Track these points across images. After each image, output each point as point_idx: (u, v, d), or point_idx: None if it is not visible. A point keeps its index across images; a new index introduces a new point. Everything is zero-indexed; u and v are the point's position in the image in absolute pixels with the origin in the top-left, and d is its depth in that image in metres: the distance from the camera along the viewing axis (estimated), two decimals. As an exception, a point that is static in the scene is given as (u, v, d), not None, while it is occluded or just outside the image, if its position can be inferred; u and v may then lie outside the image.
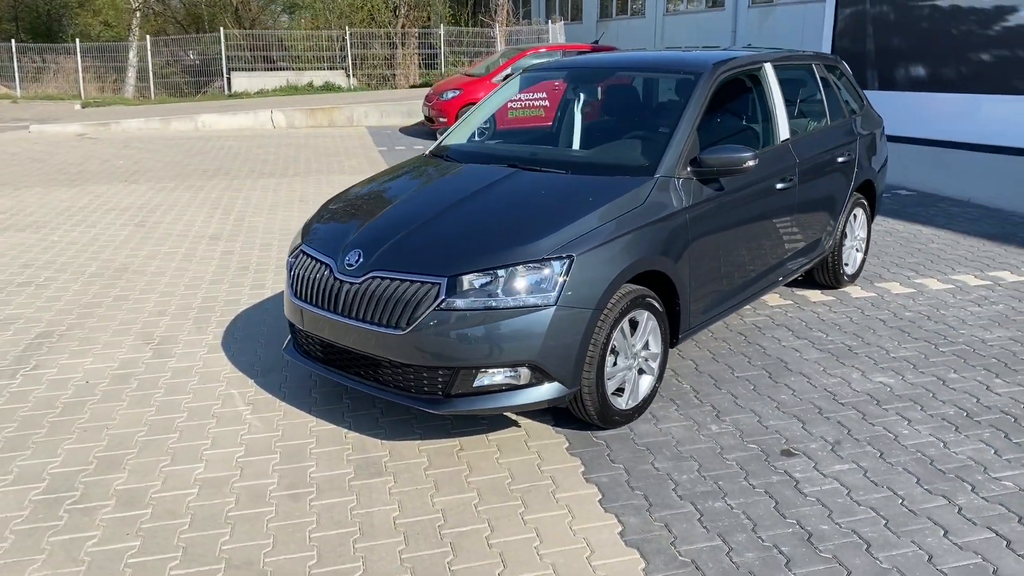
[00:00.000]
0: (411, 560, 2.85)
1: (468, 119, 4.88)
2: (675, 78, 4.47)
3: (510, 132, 5.01)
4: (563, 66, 5.00)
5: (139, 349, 4.81)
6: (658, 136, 4.08)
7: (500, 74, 13.76)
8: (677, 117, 4.04)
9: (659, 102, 4.53)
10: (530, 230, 3.45)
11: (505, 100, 4.94)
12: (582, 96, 4.64)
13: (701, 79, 4.20)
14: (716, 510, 3.10)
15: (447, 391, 3.39)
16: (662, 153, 3.91)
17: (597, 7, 32.83)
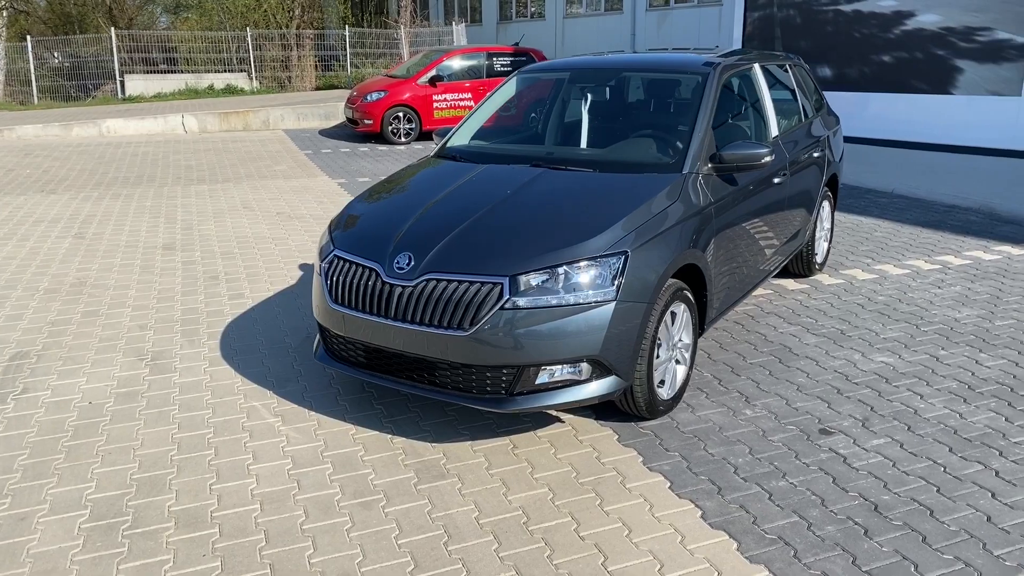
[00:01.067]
0: (510, 558, 2.87)
1: (468, 122, 4.88)
2: (682, 78, 4.63)
3: (513, 132, 5.02)
4: (564, 67, 5.07)
5: (134, 366, 4.57)
6: (677, 134, 4.22)
7: (425, 76, 13.70)
8: (694, 115, 4.20)
9: (669, 101, 4.67)
10: (583, 228, 3.52)
11: (503, 102, 4.97)
12: (590, 96, 4.73)
13: (710, 78, 4.37)
14: (782, 489, 3.25)
15: (511, 390, 3.41)
16: (686, 150, 4.06)
17: (497, 10, 33.07)
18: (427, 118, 13.82)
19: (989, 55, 11.00)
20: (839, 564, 2.78)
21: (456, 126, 4.90)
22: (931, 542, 2.89)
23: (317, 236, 7.43)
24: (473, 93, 14.00)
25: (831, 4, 12.93)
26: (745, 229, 4.37)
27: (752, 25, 14.33)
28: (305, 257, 6.74)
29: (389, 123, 13.61)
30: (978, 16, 11.08)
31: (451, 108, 13.91)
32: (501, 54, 14.39)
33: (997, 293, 5.56)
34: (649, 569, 2.79)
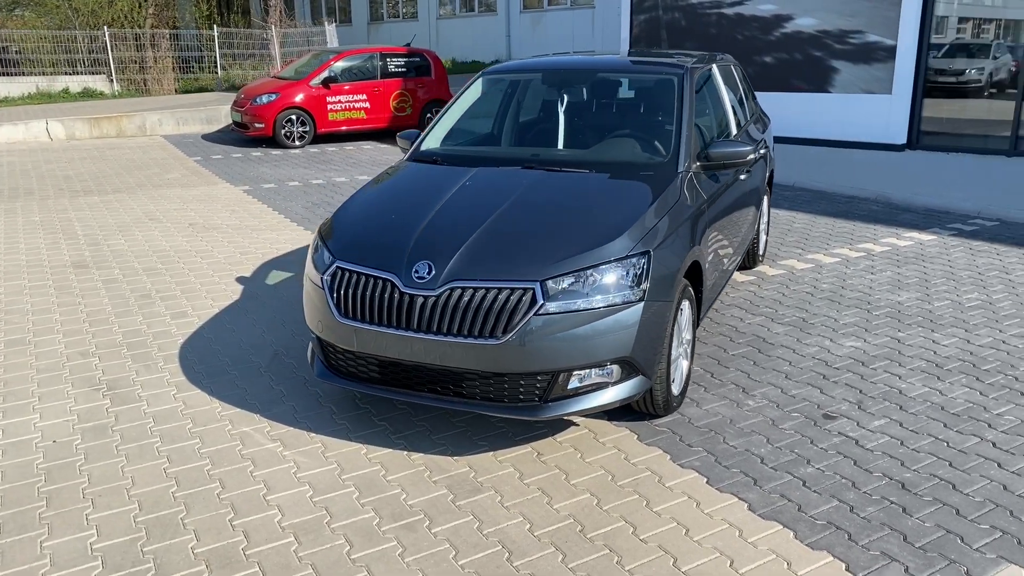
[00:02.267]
0: (581, 568, 2.81)
1: (439, 125, 4.74)
2: (657, 79, 4.69)
3: (488, 134, 4.92)
4: (534, 67, 5.01)
5: (90, 397, 4.17)
6: (664, 133, 4.28)
7: (318, 77, 13.26)
8: (678, 115, 4.27)
9: (647, 101, 4.71)
10: (603, 229, 3.49)
11: (470, 103, 4.86)
12: (566, 98, 4.70)
13: (685, 78, 4.46)
14: (812, 475, 3.36)
15: (544, 397, 3.35)
16: (677, 149, 4.12)
17: (367, 10, 32.51)
18: (321, 120, 13.39)
19: (862, 56, 11.83)
20: (893, 543, 2.90)
21: (427, 129, 4.75)
22: (965, 514, 3.07)
23: (241, 247, 7.04)
24: (368, 94, 13.69)
25: (714, 7, 13.52)
26: (723, 224, 4.49)
27: (639, 27, 14.77)
28: (239, 270, 6.37)
29: (282, 126, 13.08)
30: (851, 20, 11.90)
31: (346, 110, 13.54)
32: (394, 55, 14.13)
33: (924, 277, 5.98)
34: (721, 565, 2.81)
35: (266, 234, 7.53)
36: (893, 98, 11.62)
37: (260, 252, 6.90)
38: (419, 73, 14.24)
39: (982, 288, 5.69)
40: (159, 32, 24.49)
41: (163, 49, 24.28)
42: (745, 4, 13.06)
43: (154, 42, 24.09)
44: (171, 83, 22.60)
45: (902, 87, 11.52)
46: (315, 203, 8.91)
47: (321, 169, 11.19)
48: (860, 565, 2.79)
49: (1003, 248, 6.69)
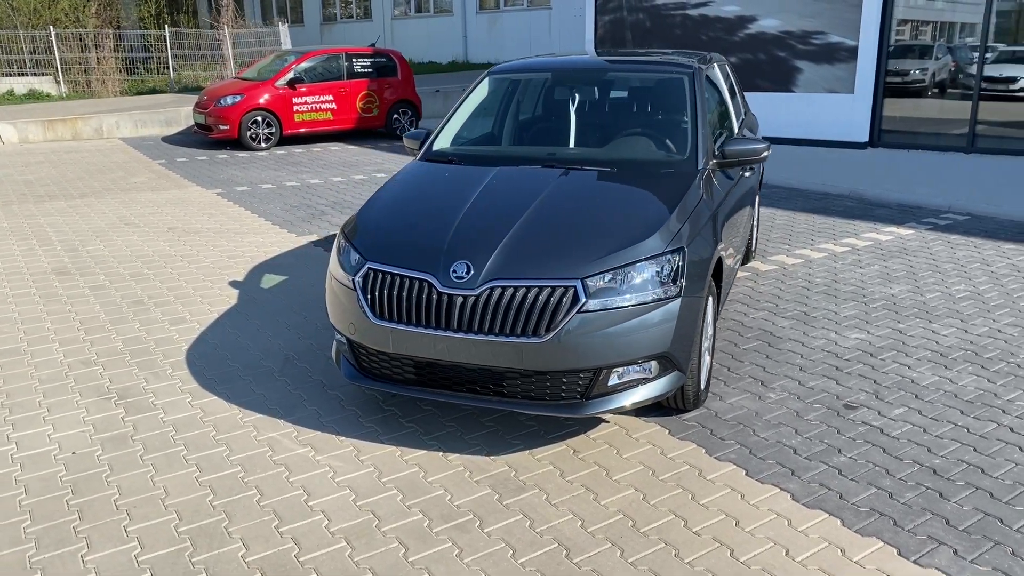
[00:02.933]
0: (641, 562, 2.83)
1: (449, 124, 4.72)
2: (668, 77, 4.74)
3: (502, 133, 4.91)
4: (542, 67, 5.01)
5: (103, 407, 4.04)
6: (680, 132, 4.33)
7: (284, 78, 13.06)
8: (693, 113, 4.33)
9: (660, 100, 4.75)
10: (637, 227, 3.52)
11: (478, 102, 4.84)
12: (578, 97, 4.71)
13: (696, 77, 4.53)
14: (846, 464, 3.44)
15: (586, 394, 3.36)
16: (695, 148, 4.18)
17: (319, 10, 32.12)
18: (287, 122, 13.19)
19: (824, 56, 12.13)
20: (937, 527, 2.99)
21: (437, 129, 4.73)
22: (999, 497, 3.18)
23: (228, 251, 6.90)
24: (334, 95, 13.53)
25: (679, 8, 13.72)
26: (733, 221, 4.56)
27: (603, 28, 14.89)
28: (230, 274, 6.24)
29: (248, 128, 12.84)
30: (813, 21, 12.19)
31: (313, 111, 13.36)
32: (360, 55, 13.98)
33: (911, 270, 6.16)
34: (778, 555, 2.86)
35: (250, 237, 7.40)
36: (855, 97, 11.93)
37: (248, 256, 6.78)
38: (385, 74, 14.13)
39: (967, 280, 5.88)
40: (103, 32, 23.83)
41: (107, 50, 23.61)
42: (709, 5, 13.28)
43: (98, 42, 23.43)
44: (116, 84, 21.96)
45: (864, 87, 11.84)
46: (293, 206, 8.78)
47: (292, 171, 11.03)
48: (911, 549, 2.87)
49: (979, 241, 6.94)
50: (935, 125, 12.05)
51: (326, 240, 7.29)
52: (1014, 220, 7.62)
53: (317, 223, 7.93)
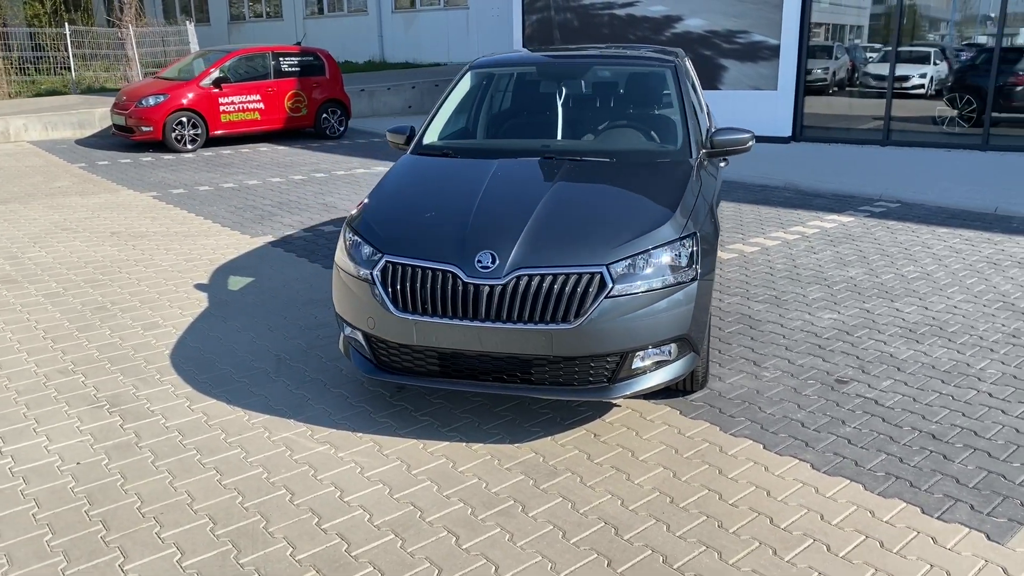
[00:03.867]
0: (691, 535, 2.92)
1: (436, 119, 4.71)
2: (651, 70, 4.87)
3: (491, 127, 4.92)
4: (524, 62, 5.05)
5: (96, 415, 3.87)
6: (669, 123, 4.47)
7: (209, 77, 12.65)
8: (680, 105, 4.48)
9: (646, 92, 4.86)
10: (650, 214, 3.63)
11: (461, 96, 4.85)
12: (564, 90, 4.78)
13: (678, 69, 4.68)
14: (853, 433, 3.63)
15: (613, 377, 3.43)
16: (687, 138, 4.32)
17: (227, 8, 31.17)
18: (214, 122, 12.78)
19: (748, 55, 12.62)
20: (950, 486, 3.20)
21: (425, 123, 4.71)
22: (997, 456, 3.43)
23: (183, 255, 6.67)
24: (262, 95, 13.19)
25: (606, 8, 14.00)
26: (718, 209, 4.73)
27: (531, 27, 15.04)
28: (193, 277, 6.04)
29: (172, 129, 12.38)
30: (737, 20, 12.66)
31: (240, 111, 12.99)
32: (287, 54, 13.67)
33: (861, 254, 6.51)
34: (814, 520, 3.00)
35: (202, 240, 7.16)
36: (778, 94, 12.46)
37: (206, 258, 6.57)
38: (313, 72, 13.87)
39: (914, 262, 6.26)
40: (-10, 30, 22.46)
41: (-5, 49, 22.25)
42: (636, 5, 13.61)
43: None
44: (5, 86, 20.73)
45: (786, 84, 12.38)
46: (238, 207, 8.54)
47: (225, 173, 10.71)
48: (932, 507, 3.06)
49: (915, 226, 7.38)
50: (852, 121, 12.73)
51: (283, 241, 7.14)
52: (940, 206, 8.14)
53: (268, 224, 7.75)
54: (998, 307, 5.22)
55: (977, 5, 12.89)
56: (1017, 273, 5.91)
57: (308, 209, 8.43)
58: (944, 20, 13.39)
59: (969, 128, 12.05)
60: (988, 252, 6.48)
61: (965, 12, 13.23)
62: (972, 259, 6.29)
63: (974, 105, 12.39)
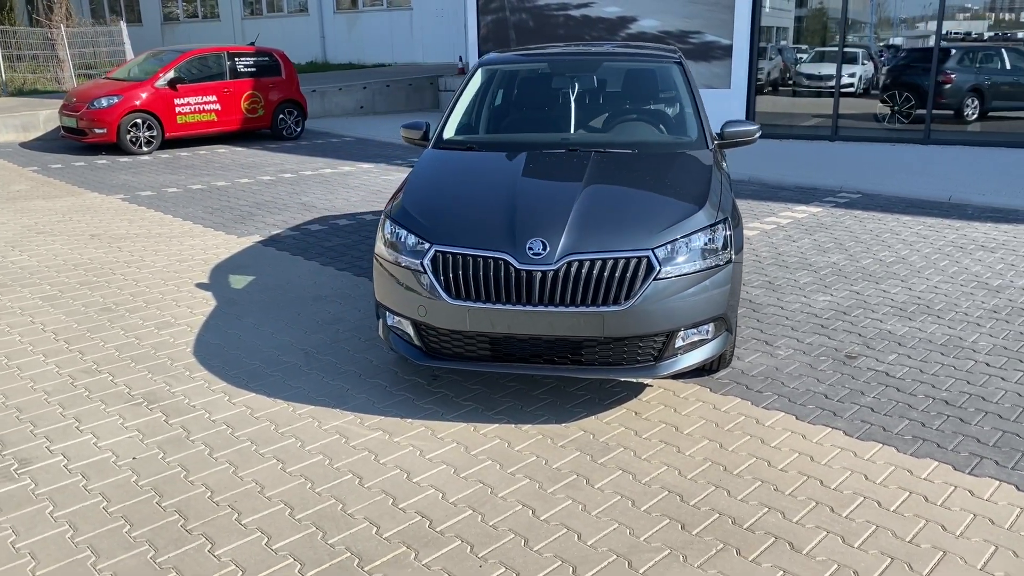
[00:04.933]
0: (751, 498, 3.12)
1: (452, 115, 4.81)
2: (658, 65, 5.07)
3: (508, 122, 5.04)
4: (533, 58, 5.18)
5: (137, 412, 3.86)
6: (683, 115, 4.68)
7: (163, 77, 12.39)
8: (690, 97, 4.71)
9: (655, 86, 5.05)
10: (686, 201, 3.82)
11: (474, 92, 4.97)
12: (577, 85, 4.93)
13: (684, 64, 4.90)
14: (874, 403, 3.89)
15: (659, 356, 3.61)
16: (701, 130, 4.54)
17: (159, 9, 30.38)
18: (170, 124, 12.53)
19: (702, 55, 13.02)
20: (973, 446, 3.48)
21: (442, 119, 4.81)
22: (1008, 417, 3.73)
23: (175, 256, 6.60)
24: (218, 95, 12.99)
25: (561, 9, 14.24)
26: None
27: (486, 27, 15.19)
28: (192, 277, 5.99)
29: (127, 131, 12.10)
30: (690, 21, 13.05)
31: (196, 112, 12.77)
32: (242, 54, 13.49)
33: (837, 241, 6.87)
34: (860, 480, 3.24)
35: (188, 241, 7.09)
36: (731, 92, 12.90)
37: (199, 259, 6.51)
38: (269, 73, 13.71)
39: (888, 247, 6.64)
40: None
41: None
42: (591, 6, 13.89)
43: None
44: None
45: (739, 83, 12.83)
46: (215, 208, 8.45)
47: (190, 174, 10.54)
48: (962, 464, 3.33)
49: (880, 215, 7.80)
50: (797, 118, 13.27)
51: (272, 240, 7.11)
52: (899, 196, 8.61)
53: (251, 224, 7.70)
54: (974, 286, 5.60)
55: (909, 8, 13.63)
56: (983, 255, 6.34)
57: (287, 209, 8.39)
58: (864, 23, 14.13)
59: (909, 124, 12.72)
60: (952, 237, 6.92)
61: (898, 14, 13.99)
62: (939, 244, 6.71)
63: (913, 102, 13.10)
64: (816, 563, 2.74)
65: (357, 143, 13.42)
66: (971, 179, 9.29)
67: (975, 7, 12.99)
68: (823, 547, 2.83)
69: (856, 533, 2.90)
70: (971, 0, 12.97)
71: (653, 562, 2.76)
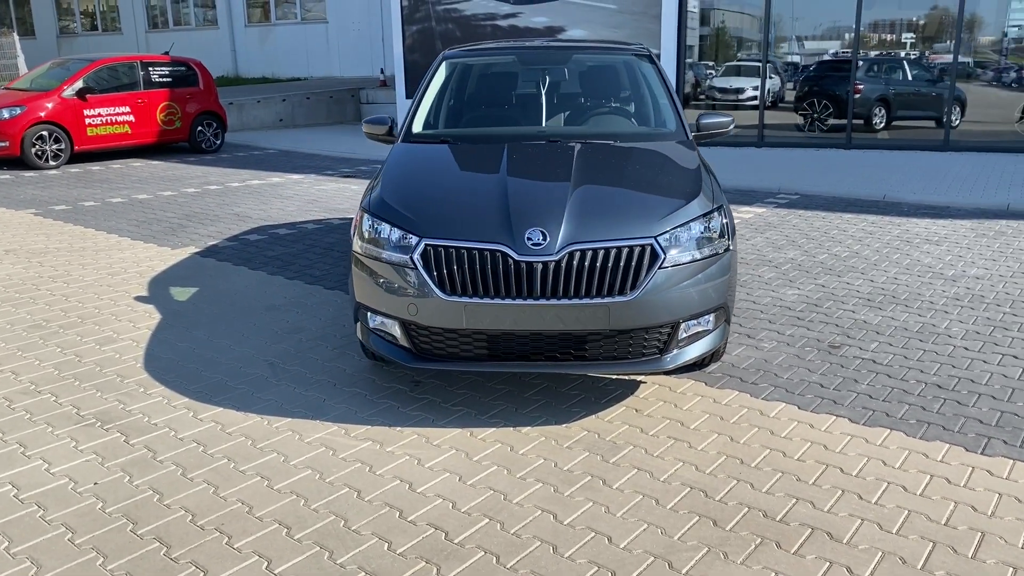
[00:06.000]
0: (777, 490, 2.99)
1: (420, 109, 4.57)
2: (627, 58, 4.96)
3: (479, 114, 4.83)
4: (502, 50, 4.98)
5: (92, 434, 3.47)
6: (658, 106, 4.58)
7: (71, 86, 11.65)
8: (664, 88, 4.61)
9: (626, 77, 4.91)
10: (681, 189, 3.70)
11: (439, 86, 4.74)
12: (548, 78, 4.76)
13: (654, 57, 4.81)
14: (869, 390, 3.85)
15: (665, 348, 3.46)
16: (679, 121, 4.45)
17: (55, 21, 28.87)
18: (79, 137, 11.78)
19: (630, 63, 13.13)
20: (977, 427, 3.46)
21: (409, 112, 4.57)
22: (1000, 398, 3.74)
23: (106, 269, 6.11)
24: (131, 106, 12.30)
25: (488, 19, 14.15)
26: None
27: (412, 38, 14.94)
28: (130, 290, 5.54)
29: (32, 144, 11.30)
30: (617, 32, 13.16)
31: (108, 124, 12.05)
32: (157, 63, 12.82)
33: (789, 239, 6.93)
34: (879, 466, 3.16)
35: (118, 254, 6.59)
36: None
37: (133, 271, 6.04)
38: (186, 83, 13.10)
39: (838, 243, 6.74)
40: None
41: None
42: (519, 16, 13.86)
43: None
44: None
45: (667, 90, 12.98)
46: (141, 220, 7.92)
47: (106, 188, 9.90)
48: (972, 444, 3.30)
49: (823, 213, 7.95)
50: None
51: (210, 251, 6.68)
52: (835, 196, 8.81)
53: (184, 235, 7.23)
54: (930, 276, 5.71)
55: (826, 23, 14.18)
56: (930, 248, 6.50)
57: (221, 220, 7.94)
58: (755, 41, 14.60)
59: (828, 131, 13.18)
60: (896, 232, 7.08)
61: (795, 31, 14.58)
62: (886, 239, 6.85)
63: (831, 110, 13.59)
64: (860, 552, 2.63)
65: (282, 155, 12.95)
66: (898, 179, 9.61)
67: (885, 21, 13.62)
68: (862, 535, 2.72)
69: (891, 519, 2.81)
70: (883, 15, 13.60)
71: (694, 561, 2.59)
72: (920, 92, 13.58)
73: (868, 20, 13.40)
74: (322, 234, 7.28)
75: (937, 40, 13.61)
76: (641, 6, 13.05)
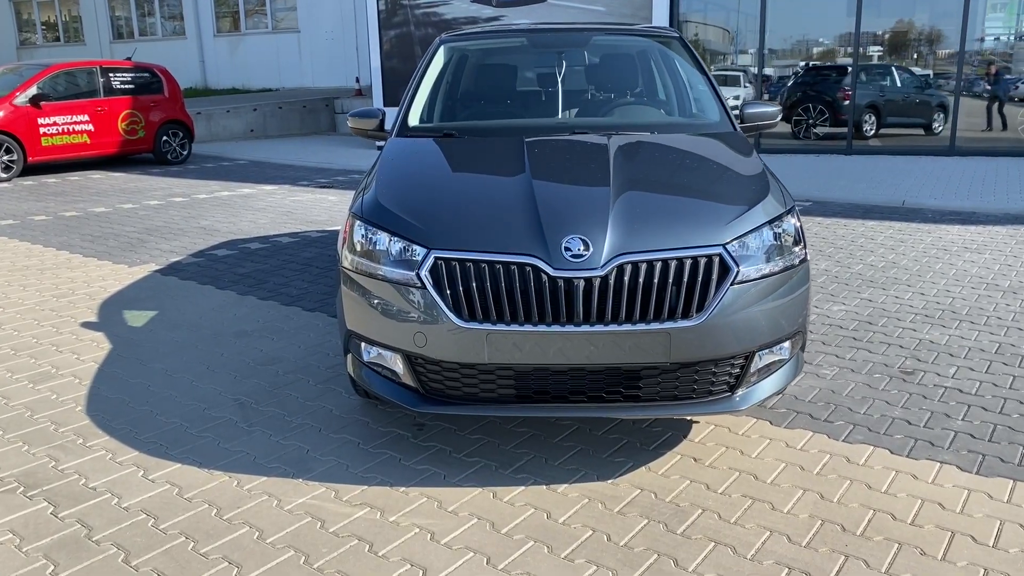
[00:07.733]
0: (898, 569, 2.32)
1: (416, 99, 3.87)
2: (653, 41, 4.29)
3: (486, 103, 4.14)
4: (508, 33, 4.30)
5: (10, 503, 2.72)
6: (701, 94, 3.92)
7: (24, 93, 10.80)
8: (704, 75, 3.97)
9: (657, 62, 4.23)
10: (748, 186, 3.05)
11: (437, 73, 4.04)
12: (565, 63, 4.08)
13: (686, 40, 4.17)
14: (970, 427, 3.19)
15: (737, 384, 2.78)
16: (723, 110, 3.79)
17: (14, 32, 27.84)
18: (33, 147, 10.92)
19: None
20: (1116, 473, 2.83)
21: (404, 103, 3.87)
22: None
23: (52, 291, 5.33)
24: (90, 115, 11.46)
25: (470, 23, 13.49)
26: None
27: (389, 43, 14.26)
28: (77, 315, 4.77)
29: (-20, 156, 10.46)
30: (606, 33, 12.57)
31: (65, 134, 11.20)
32: (118, 70, 11.99)
33: (817, 248, 6.30)
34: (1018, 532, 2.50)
35: (66, 273, 5.80)
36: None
37: (83, 293, 5.27)
38: (150, 91, 12.28)
39: (870, 252, 6.13)
40: None
41: None
42: (501, 20, 13.23)
43: None
44: None
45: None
46: (96, 235, 7.13)
47: (61, 201, 9.07)
48: (1122, 500, 2.66)
49: (843, 220, 7.35)
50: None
51: (172, 268, 5.92)
52: (851, 203, 8.23)
53: (144, 251, 6.46)
54: (985, 288, 5.10)
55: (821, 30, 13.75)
56: (973, 256, 5.91)
57: (185, 234, 7.17)
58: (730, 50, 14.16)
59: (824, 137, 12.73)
60: (929, 240, 6.49)
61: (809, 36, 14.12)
62: (920, 247, 6.26)
63: (826, 115, 13.16)
64: (1040, 664, 1.96)
65: (253, 165, 12.17)
66: (911, 184, 9.07)
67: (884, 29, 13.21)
68: (1033, 637, 2.05)
69: (1062, 611, 2.15)
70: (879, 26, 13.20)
71: None
72: (910, 99, 13.21)
73: (866, 27, 12.98)
74: (298, 248, 6.54)
75: (940, 46, 13.23)
76: (630, 9, 12.48)
